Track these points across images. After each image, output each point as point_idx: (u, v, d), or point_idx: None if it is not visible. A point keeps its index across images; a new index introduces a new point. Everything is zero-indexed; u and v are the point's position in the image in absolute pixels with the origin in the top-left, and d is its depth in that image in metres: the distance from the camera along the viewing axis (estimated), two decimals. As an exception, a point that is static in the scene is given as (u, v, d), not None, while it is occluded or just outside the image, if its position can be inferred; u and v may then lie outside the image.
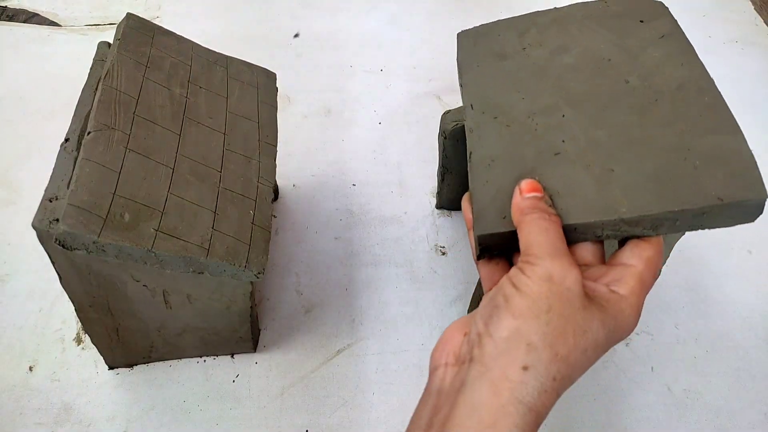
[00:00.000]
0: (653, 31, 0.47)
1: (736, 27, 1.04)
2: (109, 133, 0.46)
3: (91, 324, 0.52)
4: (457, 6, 1.06)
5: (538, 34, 0.51)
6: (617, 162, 0.40)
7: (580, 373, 0.33)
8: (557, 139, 0.43)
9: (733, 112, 0.42)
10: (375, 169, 0.79)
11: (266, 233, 0.49)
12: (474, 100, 0.48)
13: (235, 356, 0.60)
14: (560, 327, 0.32)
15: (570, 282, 0.33)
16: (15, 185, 0.74)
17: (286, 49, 0.95)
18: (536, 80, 0.47)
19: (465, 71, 0.52)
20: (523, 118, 0.45)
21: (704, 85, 0.43)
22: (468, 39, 0.55)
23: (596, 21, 0.50)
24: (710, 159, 0.38)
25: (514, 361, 0.31)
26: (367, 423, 0.56)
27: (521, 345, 0.32)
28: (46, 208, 0.43)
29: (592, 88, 0.45)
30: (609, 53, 0.47)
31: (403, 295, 0.66)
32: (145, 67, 0.52)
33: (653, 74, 0.44)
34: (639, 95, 0.43)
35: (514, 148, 0.44)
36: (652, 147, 0.40)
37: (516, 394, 0.31)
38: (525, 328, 0.32)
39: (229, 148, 0.52)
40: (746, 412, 0.58)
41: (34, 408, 0.56)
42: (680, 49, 0.46)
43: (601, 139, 0.42)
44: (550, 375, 0.31)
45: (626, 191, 0.38)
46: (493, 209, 0.41)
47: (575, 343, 0.32)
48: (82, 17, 1.00)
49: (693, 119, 0.41)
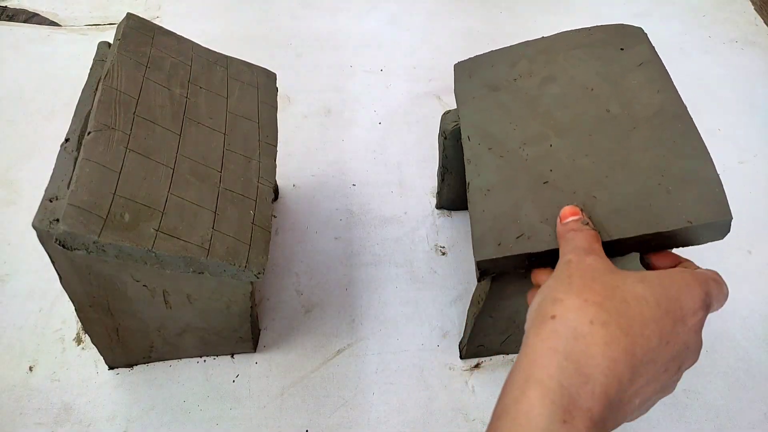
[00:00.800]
0: (633, 58, 0.51)
1: (736, 27, 1.04)
2: (109, 133, 0.46)
3: (91, 324, 0.52)
4: (457, 6, 1.06)
5: (528, 64, 0.54)
6: (600, 188, 0.43)
7: (636, 326, 0.31)
8: (545, 168, 0.46)
9: (733, 112, 0.43)
10: (375, 169, 0.79)
11: (266, 233, 0.49)
12: (471, 132, 0.52)
13: (235, 356, 0.60)
14: (586, 283, 0.33)
15: (591, 260, 0.35)
16: (15, 185, 0.74)
17: (286, 49, 0.95)
18: (527, 110, 0.51)
19: (462, 103, 0.55)
20: (515, 148, 0.48)
21: (678, 111, 0.46)
22: (464, 71, 0.58)
23: (581, 50, 0.53)
24: (682, 183, 0.41)
25: (543, 317, 0.32)
26: (367, 423, 0.56)
27: (547, 303, 0.33)
28: (47, 208, 0.43)
29: (577, 116, 0.48)
30: (592, 82, 0.50)
31: (403, 295, 0.66)
32: (145, 67, 0.52)
33: (632, 101, 0.48)
34: (619, 123, 0.47)
35: (508, 177, 0.47)
36: (631, 172, 0.43)
37: (548, 343, 0.31)
38: (549, 292, 0.34)
39: (229, 148, 0.52)
40: (746, 411, 0.58)
41: (34, 408, 0.56)
42: (657, 76, 0.49)
43: (585, 166, 0.45)
44: (585, 319, 0.31)
45: (608, 217, 0.41)
46: (491, 237, 0.44)
47: (606, 293, 0.32)
48: (82, 17, 1.00)
49: (668, 145, 0.44)
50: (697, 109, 0.90)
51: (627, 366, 0.30)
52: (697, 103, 0.89)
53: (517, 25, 1.02)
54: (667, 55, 1.03)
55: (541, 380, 0.29)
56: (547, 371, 0.29)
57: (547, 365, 0.30)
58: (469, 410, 0.57)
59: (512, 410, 0.30)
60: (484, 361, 0.61)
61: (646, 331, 0.31)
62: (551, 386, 0.29)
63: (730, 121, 0.86)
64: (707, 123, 0.86)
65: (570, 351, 0.30)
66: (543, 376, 0.29)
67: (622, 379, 0.30)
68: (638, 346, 0.30)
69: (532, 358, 0.31)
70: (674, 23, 1.04)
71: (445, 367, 0.60)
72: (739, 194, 0.77)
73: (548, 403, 0.28)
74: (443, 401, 0.58)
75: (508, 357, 0.61)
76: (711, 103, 0.89)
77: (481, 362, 0.61)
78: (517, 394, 0.30)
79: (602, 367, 0.29)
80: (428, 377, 0.60)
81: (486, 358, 0.61)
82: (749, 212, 0.75)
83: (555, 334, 0.31)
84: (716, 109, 0.88)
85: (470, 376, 0.60)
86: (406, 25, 1.01)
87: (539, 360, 0.30)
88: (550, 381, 0.29)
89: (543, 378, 0.29)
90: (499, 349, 0.60)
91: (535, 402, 0.29)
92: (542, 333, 0.31)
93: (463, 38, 0.99)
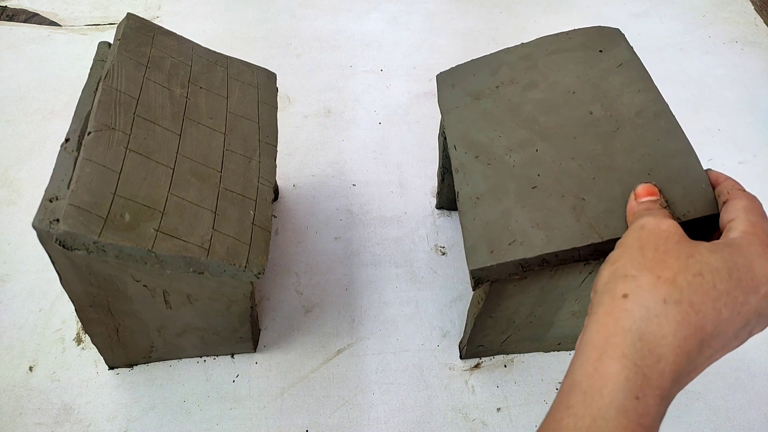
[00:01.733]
0: (611, 60, 0.51)
1: (736, 27, 1.04)
2: (109, 133, 0.46)
3: (92, 324, 0.52)
4: (457, 6, 1.06)
5: (510, 71, 0.55)
6: (588, 190, 0.44)
7: (708, 301, 0.31)
8: (533, 173, 0.46)
9: (733, 112, 0.44)
10: (375, 169, 0.79)
11: (266, 233, 0.49)
12: (457, 141, 0.52)
13: (235, 356, 0.60)
14: (658, 257, 0.32)
15: (666, 225, 0.34)
16: (15, 185, 0.74)
17: (286, 49, 0.95)
18: (510, 117, 0.51)
19: (446, 113, 0.56)
20: (502, 155, 0.49)
21: (659, 110, 0.47)
22: (446, 81, 0.58)
23: (561, 55, 0.53)
24: (669, 181, 0.42)
25: (614, 294, 0.32)
26: (367, 423, 0.56)
27: (618, 280, 0.33)
28: (47, 208, 0.43)
29: (561, 120, 0.49)
30: (574, 85, 0.51)
31: (403, 295, 0.66)
32: (145, 67, 0.52)
33: (614, 102, 0.48)
34: (603, 124, 0.47)
35: (496, 184, 0.47)
36: (618, 173, 0.44)
37: (621, 323, 0.31)
38: (620, 266, 0.33)
39: (230, 148, 0.52)
40: (745, 411, 0.58)
41: (34, 408, 0.56)
42: (636, 76, 0.50)
43: (572, 169, 0.45)
44: (658, 297, 0.31)
45: (598, 218, 0.42)
46: (483, 244, 0.45)
47: (679, 266, 0.32)
48: (82, 17, 1.00)
49: (652, 144, 0.44)
50: (697, 109, 0.91)
51: (697, 341, 0.30)
52: (697, 104, 0.90)
53: (517, 26, 1.02)
54: (667, 55, 1.02)
55: (615, 358, 0.30)
56: (621, 350, 0.30)
57: (621, 344, 0.30)
58: (469, 410, 0.57)
59: (584, 384, 0.30)
60: (484, 361, 0.61)
61: (718, 304, 0.31)
62: (626, 364, 0.30)
63: (730, 121, 0.86)
64: (707, 123, 0.86)
65: (644, 331, 0.30)
66: (617, 354, 0.30)
67: (691, 354, 0.31)
68: (709, 321, 0.31)
69: (605, 336, 0.31)
70: (674, 23, 1.04)
71: (445, 367, 0.60)
72: (739, 194, 0.77)
73: (622, 380, 0.30)
74: (443, 401, 0.58)
75: (508, 357, 0.61)
76: (711, 104, 0.89)
77: (481, 362, 0.61)
78: (589, 369, 0.31)
79: (673, 346, 0.30)
80: (428, 377, 0.60)
81: (486, 358, 0.61)
82: (749, 212, 0.75)
83: (628, 314, 0.31)
84: (716, 109, 0.88)
85: (470, 376, 0.60)
86: (406, 26, 1.01)
87: (612, 339, 0.31)
88: (624, 360, 0.30)
89: (617, 356, 0.30)
90: (499, 349, 0.60)
91: (609, 379, 0.30)
92: (615, 311, 0.32)
93: (463, 38, 0.99)
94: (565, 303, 0.52)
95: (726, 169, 0.80)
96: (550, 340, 0.59)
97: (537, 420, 0.57)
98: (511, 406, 0.58)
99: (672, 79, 0.92)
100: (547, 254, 0.42)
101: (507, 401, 0.58)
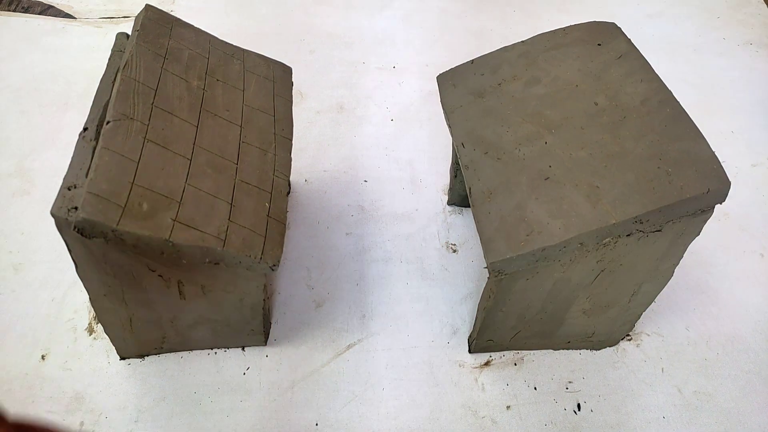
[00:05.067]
0: (611, 52, 0.53)
1: (751, 29, 1.03)
2: (127, 123, 0.46)
3: (105, 314, 0.52)
4: (469, 4, 1.06)
5: (510, 68, 0.56)
6: (601, 178, 0.45)
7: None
8: (545, 164, 0.48)
9: (746, 115, 0.46)
10: (387, 166, 0.79)
11: (281, 226, 0.49)
12: (464, 138, 0.53)
13: (245, 349, 0.60)
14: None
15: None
16: (30, 175, 0.74)
17: (299, 45, 0.95)
18: (516, 112, 0.52)
19: (450, 113, 0.56)
20: (511, 150, 0.50)
21: (664, 97, 0.48)
22: (447, 81, 0.59)
23: (559, 50, 0.55)
24: (680, 164, 0.44)
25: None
26: (377, 418, 0.56)
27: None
28: (65, 196, 0.43)
29: (567, 112, 0.50)
30: (576, 79, 0.52)
31: (413, 292, 0.66)
32: (163, 58, 0.52)
33: (618, 93, 0.49)
34: (609, 114, 0.48)
35: (508, 178, 0.48)
36: (629, 159, 0.45)
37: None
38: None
39: (246, 140, 0.52)
40: (756, 415, 0.58)
41: (46, 396, 0.56)
42: (637, 66, 0.51)
43: (583, 158, 0.47)
44: None
45: (614, 203, 0.43)
46: (500, 237, 0.46)
47: None
48: (97, 10, 1.00)
49: (659, 130, 0.46)
50: (711, 111, 0.91)
51: None
52: (711, 105, 0.89)
53: (529, 24, 1.02)
54: (680, 56, 1.02)
55: None
56: None
57: None
58: (479, 407, 0.57)
59: None
60: (493, 359, 0.61)
61: None
62: None
63: (743, 123, 0.85)
64: (720, 125, 0.86)
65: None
66: None
67: None
68: None
69: None
70: (688, 24, 1.04)
71: (455, 363, 0.60)
72: (752, 197, 0.77)
73: None
74: (453, 398, 0.58)
75: (518, 355, 0.61)
76: (724, 105, 0.89)
77: (490, 359, 0.61)
78: None
79: None
80: (438, 374, 0.59)
81: (496, 356, 0.61)
82: (761, 215, 0.75)
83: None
84: (730, 111, 0.88)
85: (480, 374, 0.60)
86: (419, 23, 1.01)
87: None
88: None
89: None
90: (509, 345, 0.60)
91: None
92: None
93: (476, 36, 0.99)
94: (577, 300, 0.52)
95: (739, 171, 0.80)
96: (560, 337, 0.58)
97: (547, 419, 0.56)
98: (520, 404, 0.57)
99: (685, 80, 0.92)
100: (569, 239, 0.43)
101: (517, 399, 0.58)
